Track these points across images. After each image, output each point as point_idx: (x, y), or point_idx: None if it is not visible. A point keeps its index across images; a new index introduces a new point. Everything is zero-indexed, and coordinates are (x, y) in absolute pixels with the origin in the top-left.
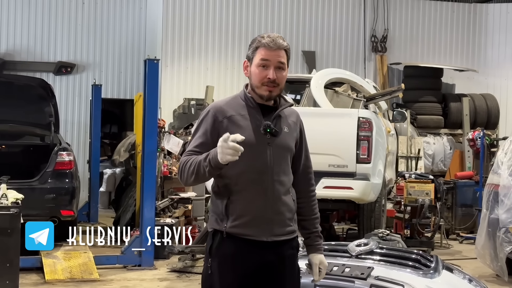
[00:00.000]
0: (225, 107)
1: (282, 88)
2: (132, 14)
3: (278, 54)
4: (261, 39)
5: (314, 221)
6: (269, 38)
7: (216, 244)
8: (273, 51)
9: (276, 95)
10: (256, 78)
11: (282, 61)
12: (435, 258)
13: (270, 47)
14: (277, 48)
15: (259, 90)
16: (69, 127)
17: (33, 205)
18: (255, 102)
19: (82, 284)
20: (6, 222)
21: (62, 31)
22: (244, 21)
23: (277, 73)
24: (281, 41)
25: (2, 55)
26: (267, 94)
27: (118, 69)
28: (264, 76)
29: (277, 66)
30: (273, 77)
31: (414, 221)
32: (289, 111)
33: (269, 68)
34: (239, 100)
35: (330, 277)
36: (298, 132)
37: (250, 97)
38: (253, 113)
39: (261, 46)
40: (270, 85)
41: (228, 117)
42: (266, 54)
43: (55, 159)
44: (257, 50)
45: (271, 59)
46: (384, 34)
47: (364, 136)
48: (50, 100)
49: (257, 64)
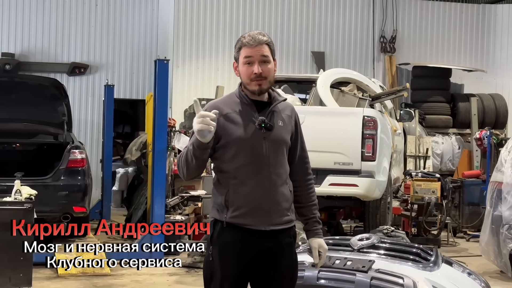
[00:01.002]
0: (221, 105)
1: (271, 81)
2: (144, 16)
3: (260, 49)
4: (242, 39)
5: (312, 208)
6: (249, 37)
7: (217, 232)
8: (255, 48)
9: (267, 88)
10: (244, 76)
11: (264, 54)
12: (435, 252)
13: (251, 45)
14: (258, 44)
15: (249, 86)
16: (82, 127)
17: (46, 202)
18: (249, 99)
19: (93, 278)
20: (20, 216)
21: (76, 32)
22: (254, 22)
23: (262, 67)
24: (260, 37)
25: (17, 56)
26: (258, 88)
27: (131, 70)
28: (250, 72)
29: (260, 60)
30: (258, 71)
31: (420, 219)
32: (284, 106)
33: (254, 64)
34: (234, 98)
35: (332, 270)
36: (293, 125)
37: (244, 94)
38: (248, 110)
39: (243, 45)
40: (258, 79)
41: (224, 114)
42: (248, 51)
43: (68, 157)
44: (240, 50)
45: (254, 55)
46: (393, 34)
47: (369, 135)
48: (63, 99)
49: (242, 62)
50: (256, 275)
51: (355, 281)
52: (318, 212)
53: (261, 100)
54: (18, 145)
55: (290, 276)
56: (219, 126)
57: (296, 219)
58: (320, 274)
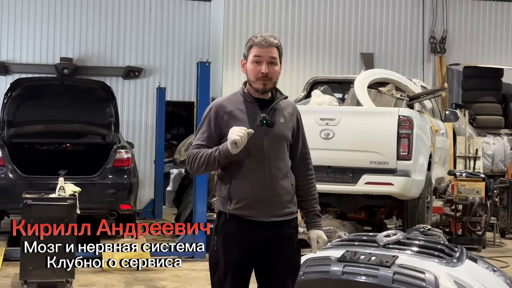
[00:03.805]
0: (225, 103)
1: (275, 82)
2: (197, 19)
3: (270, 51)
4: (254, 38)
5: (312, 202)
6: (261, 37)
7: (221, 223)
8: (265, 48)
9: (270, 88)
10: (251, 74)
11: (273, 56)
12: (459, 248)
13: (262, 45)
14: (269, 46)
15: (254, 84)
16: (136, 129)
17: (94, 199)
18: (252, 97)
19: (136, 272)
20: (63, 212)
21: (131, 37)
22: (302, 25)
23: (270, 68)
24: (272, 39)
25: (75, 60)
26: (262, 87)
27: (183, 73)
28: (258, 71)
29: (269, 61)
30: (266, 71)
31: (464, 219)
32: (286, 104)
33: (262, 64)
34: (238, 96)
35: (357, 265)
36: (294, 122)
37: (247, 93)
38: (251, 107)
39: (254, 44)
40: (264, 79)
41: (228, 112)
42: (259, 51)
43: (114, 157)
44: (251, 49)
45: (263, 55)
46: (443, 35)
47: (404, 134)
48: (111, 101)
49: (251, 60)
50: (259, 265)
51: (378, 276)
52: (319, 206)
53: (264, 98)
54: (69, 145)
55: (292, 266)
56: (223, 122)
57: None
58: (345, 269)
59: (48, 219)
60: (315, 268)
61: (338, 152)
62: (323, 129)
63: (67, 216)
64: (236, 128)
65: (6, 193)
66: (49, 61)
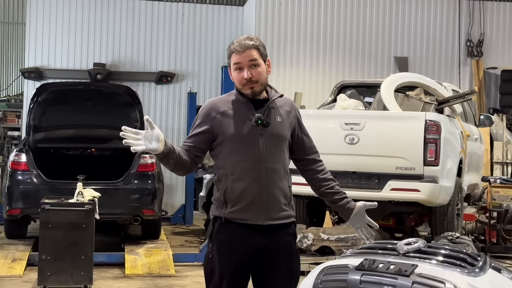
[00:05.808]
0: (219, 104)
1: (263, 83)
2: (229, 24)
3: (248, 54)
4: (231, 45)
5: (336, 184)
6: (237, 43)
7: (216, 229)
8: (242, 54)
9: (260, 90)
10: (236, 81)
11: (253, 58)
12: (482, 257)
13: (238, 51)
14: (245, 49)
15: (243, 91)
16: (169, 134)
17: (117, 205)
18: (246, 97)
19: (157, 278)
20: (81, 217)
21: (163, 42)
22: (335, 29)
23: (252, 71)
24: (247, 42)
25: (108, 66)
26: (250, 92)
27: (216, 78)
28: (241, 78)
29: (249, 65)
30: (248, 76)
31: (498, 227)
32: (283, 101)
33: (243, 70)
34: (232, 96)
35: (375, 273)
36: (293, 120)
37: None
38: (245, 107)
39: (232, 52)
40: (249, 83)
41: (221, 112)
42: (237, 58)
43: (138, 162)
44: (230, 57)
45: (242, 61)
46: (480, 38)
47: (431, 139)
48: (136, 106)
49: (233, 69)
50: (256, 273)
51: (397, 285)
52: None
53: (258, 98)
54: (94, 150)
55: (291, 275)
56: (216, 123)
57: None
58: (363, 277)
59: (65, 224)
60: (332, 277)
61: (363, 158)
62: (348, 134)
63: (85, 221)
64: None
65: (31, 198)
66: (83, 67)
